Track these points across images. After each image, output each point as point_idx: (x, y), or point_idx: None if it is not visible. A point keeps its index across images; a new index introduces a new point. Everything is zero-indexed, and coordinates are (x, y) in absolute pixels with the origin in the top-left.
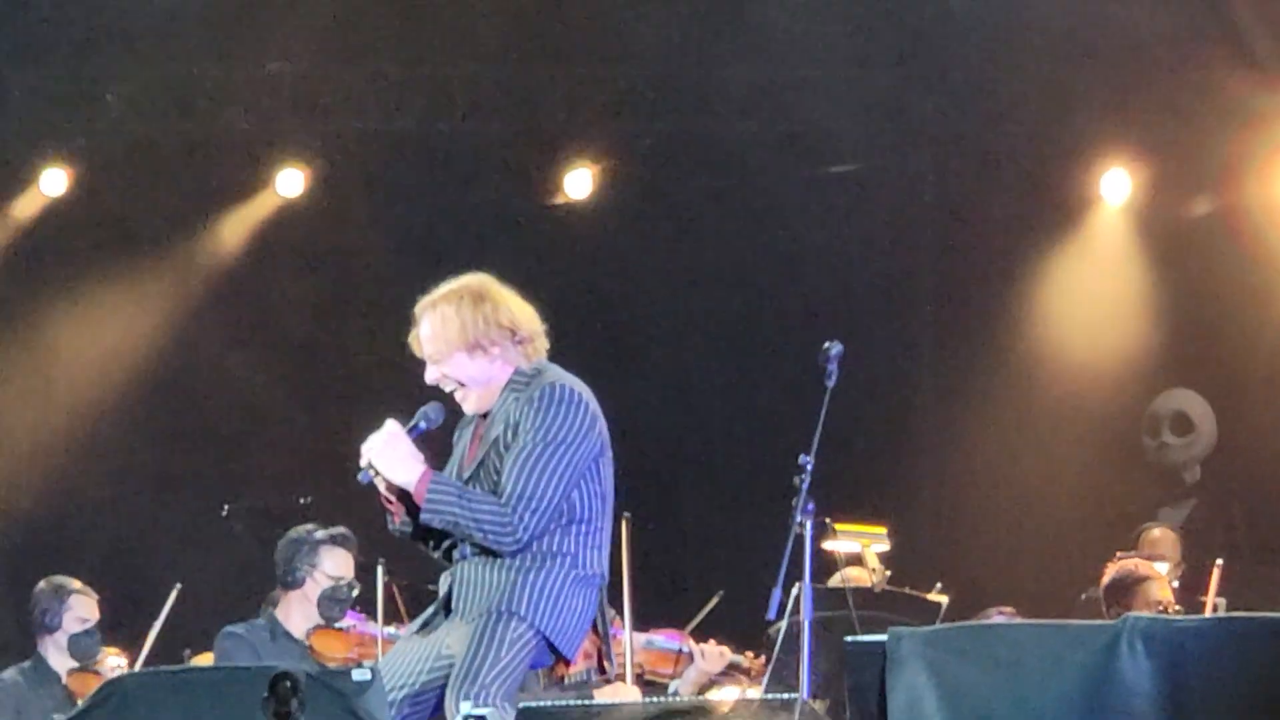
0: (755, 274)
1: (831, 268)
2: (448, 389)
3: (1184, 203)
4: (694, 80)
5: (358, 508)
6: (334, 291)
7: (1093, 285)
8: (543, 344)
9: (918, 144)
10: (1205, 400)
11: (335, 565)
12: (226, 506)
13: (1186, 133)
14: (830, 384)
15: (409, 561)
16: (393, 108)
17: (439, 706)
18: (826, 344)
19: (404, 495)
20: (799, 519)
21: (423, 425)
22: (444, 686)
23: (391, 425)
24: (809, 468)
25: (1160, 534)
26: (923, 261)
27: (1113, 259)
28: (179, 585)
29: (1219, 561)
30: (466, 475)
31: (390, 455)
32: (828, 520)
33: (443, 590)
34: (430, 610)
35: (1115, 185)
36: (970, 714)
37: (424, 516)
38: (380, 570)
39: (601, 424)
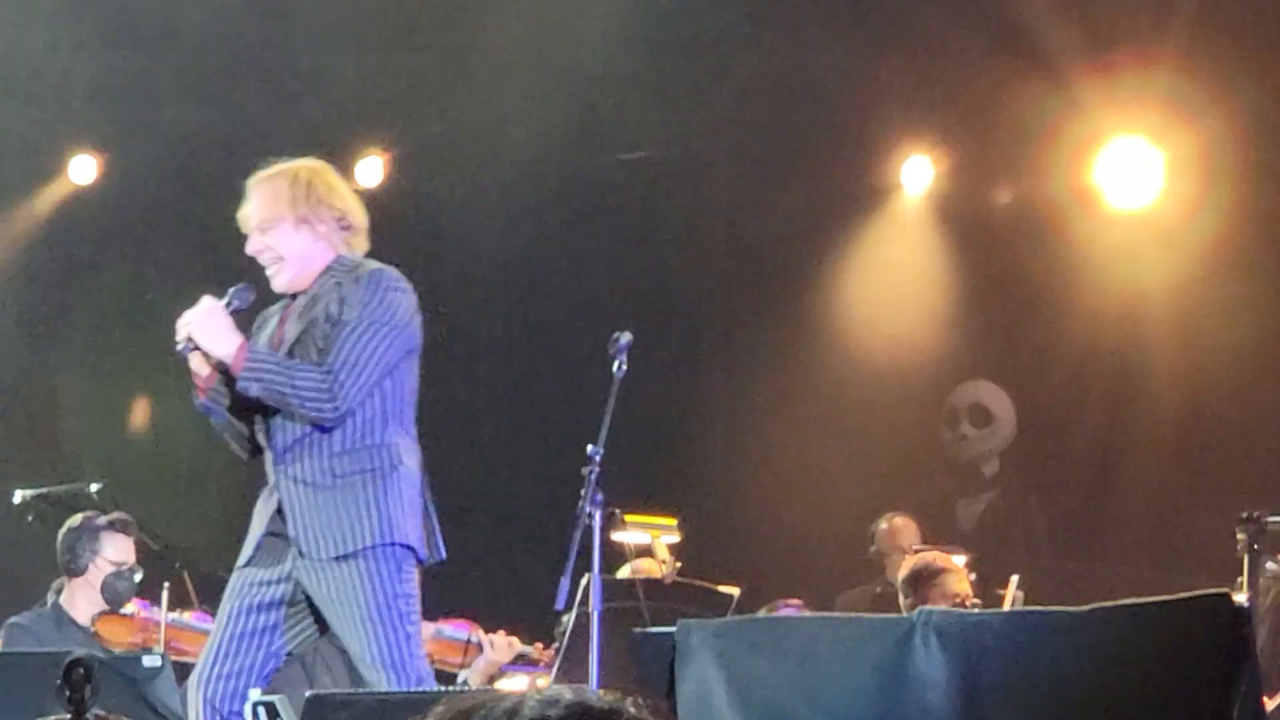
0: (543, 263)
1: (621, 256)
2: (266, 261)
3: (986, 192)
4: (481, 66)
5: (148, 495)
6: (129, 277)
7: (891, 275)
8: (363, 242)
9: (711, 131)
10: (1004, 392)
11: (117, 551)
12: (18, 494)
13: (989, 120)
14: (619, 374)
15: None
16: (185, 95)
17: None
18: (615, 334)
19: (220, 370)
20: (587, 509)
21: (235, 303)
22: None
23: (208, 300)
24: (597, 458)
25: (901, 523)
26: (715, 250)
27: (912, 248)
28: None
29: (1014, 577)
30: (282, 354)
31: (209, 328)
32: (616, 511)
33: (265, 515)
34: (257, 537)
35: (916, 173)
36: (760, 706)
37: (241, 384)
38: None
39: (419, 321)
